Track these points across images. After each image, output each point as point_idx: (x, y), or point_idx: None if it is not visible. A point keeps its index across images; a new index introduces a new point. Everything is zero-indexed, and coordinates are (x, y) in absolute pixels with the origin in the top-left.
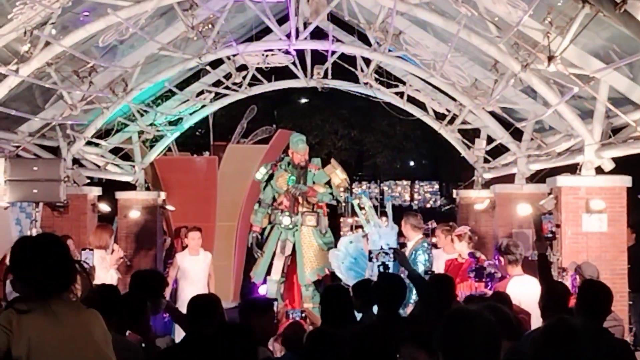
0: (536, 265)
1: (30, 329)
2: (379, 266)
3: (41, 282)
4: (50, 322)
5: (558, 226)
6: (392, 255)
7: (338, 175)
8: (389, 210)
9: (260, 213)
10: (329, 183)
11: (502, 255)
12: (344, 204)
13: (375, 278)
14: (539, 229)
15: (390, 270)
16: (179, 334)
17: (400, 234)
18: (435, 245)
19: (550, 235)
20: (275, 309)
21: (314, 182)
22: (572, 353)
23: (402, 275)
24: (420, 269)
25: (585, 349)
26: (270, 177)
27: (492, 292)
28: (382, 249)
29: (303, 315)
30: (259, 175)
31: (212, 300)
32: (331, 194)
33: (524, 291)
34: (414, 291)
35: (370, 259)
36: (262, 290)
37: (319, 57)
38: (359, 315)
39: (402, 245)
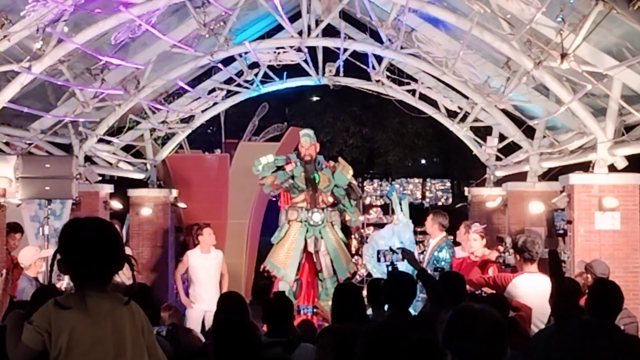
0: (547, 263)
1: (67, 325)
2: (387, 266)
3: (82, 271)
4: (84, 319)
5: (570, 222)
6: (400, 255)
7: (349, 173)
8: (405, 207)
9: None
10: (349, 185)
11: (517, 253)
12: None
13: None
14: (551, 225)
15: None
16: None
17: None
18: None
19: (561, 231)
20: None
21: (336, 186)
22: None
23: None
24: (442, 265)
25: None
26: (279, 168)
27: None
28: (390, 248)
29: (314, 310)
30: (259, 167)
31: (240, 297)
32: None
33: (529, 291)
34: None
35: (378, 259)
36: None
37: (330, 55)
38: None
39: (418, 243)
